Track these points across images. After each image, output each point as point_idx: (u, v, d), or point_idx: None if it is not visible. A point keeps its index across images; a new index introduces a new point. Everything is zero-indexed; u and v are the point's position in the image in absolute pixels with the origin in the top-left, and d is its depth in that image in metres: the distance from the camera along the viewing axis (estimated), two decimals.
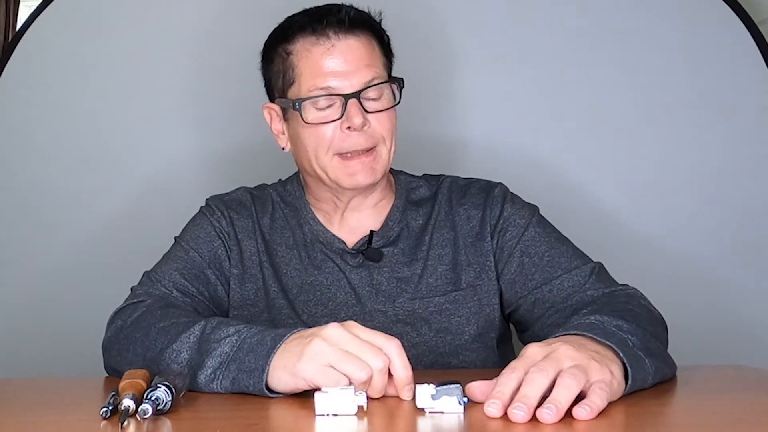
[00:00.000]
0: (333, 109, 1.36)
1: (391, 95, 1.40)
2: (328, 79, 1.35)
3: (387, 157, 1.39)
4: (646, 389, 1.12)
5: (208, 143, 1.98)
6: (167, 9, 1.99)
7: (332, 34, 1.36)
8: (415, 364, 1.35)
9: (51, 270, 1.96)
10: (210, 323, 1.17)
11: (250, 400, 1.08)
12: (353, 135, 1.35)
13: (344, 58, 1.36)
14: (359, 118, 1.34)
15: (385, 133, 1.38)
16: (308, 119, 1.36)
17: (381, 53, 1.41)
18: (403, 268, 1.41)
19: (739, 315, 1.97)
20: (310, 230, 1.44)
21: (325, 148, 1.36)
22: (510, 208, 1.44)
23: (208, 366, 1.13)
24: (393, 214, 1.45)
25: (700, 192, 1.98)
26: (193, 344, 1.16)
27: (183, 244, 1.43)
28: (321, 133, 1.36)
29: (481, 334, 1.40)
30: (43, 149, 1.97)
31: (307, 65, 1.36)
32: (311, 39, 1.37)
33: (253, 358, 1.10)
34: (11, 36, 4.14)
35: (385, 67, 1.41)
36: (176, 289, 1.37)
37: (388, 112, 1.38)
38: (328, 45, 1.36)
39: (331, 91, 1.35)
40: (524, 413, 0.94)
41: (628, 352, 1.07)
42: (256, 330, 1.14)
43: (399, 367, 1.04)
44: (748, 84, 1.98)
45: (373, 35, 1.40)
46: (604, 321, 1.13)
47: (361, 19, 1.39)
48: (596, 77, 1.98)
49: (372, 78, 1.37)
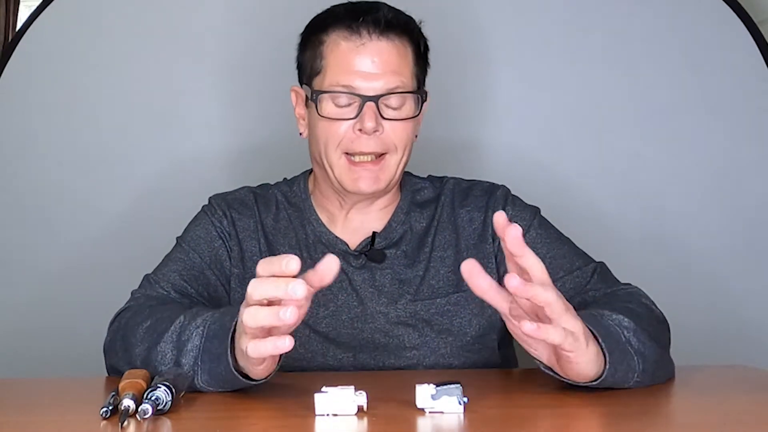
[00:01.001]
0: (351, 108, 1.35)
1: (414, 107, 1.37)
2: (352, 77, 1.34)
3: (395, 169, 1.38)
4: (646, 389, 1.12)
5: (208, 144, 1.98)
6: (167, 9, 1.99)
7: (365, 33, 1.34)
8: (417, 365, 1.37)
9: (52, 270, 1.96)
10: (187, 316, 1.17)
11: (250, 400, 1.08)
12: (363, 138, 1.34)
13: (372, 60, 1.34)
14: (372, 123, 1.33)
15: (397, 142, 1.36)
16: (323, 113, 1.35)
17: (413, 61, 1.38)
18: (406, 270, 1.41)
19: (739, 315, 1.97)
20: (313, 231, 1.44)
21: (335, 144, 1.36)
22: (512, 210, 1.44)
23: (185, 364, 1.13)
24: (397, 216, 1.44)
25: (700, 192, 1.98)
26: (175, 343, 1.16)
27: (183, 245, 1.43)
28: (334, 128, 1.35)
29: (482, 335, 1.40)
30: (43, 149, 1.97)
31: (335, 59, 1.35)
32: (344, 33, 1.35)
33: (217, 343, 1.09)
34: (11, 36, 4.14)
35: (414, 76, 1.38)
36: (175, 291, 1.36)
37: (404, 123, 1.36)
38: (358, 43, 1.34)
39: (353, 90, 1.34)
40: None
41: (617, 347, 1.09)
42: (219, 314, 1.13)
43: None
44: (748, 84, 1.98)
45: (409, 41, 1.37)
46: (603, 314, 1.14)
47: (399, 23, 1.36)
48: (596, 77, 1.98)
49: (396, 86, 1.34)
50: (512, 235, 0.99)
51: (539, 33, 1.98)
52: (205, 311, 1.17)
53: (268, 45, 1.89)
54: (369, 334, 1.37)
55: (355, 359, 1.37)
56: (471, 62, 1.98)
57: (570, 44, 1.98)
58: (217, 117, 1.98)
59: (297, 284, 0.95)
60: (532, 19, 1.99)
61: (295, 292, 0.95)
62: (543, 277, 1.01)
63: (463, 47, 1.97)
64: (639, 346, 1.13)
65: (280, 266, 0.97)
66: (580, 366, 1.06)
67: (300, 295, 0.95)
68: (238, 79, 1.97)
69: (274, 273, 0.98)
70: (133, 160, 1.97)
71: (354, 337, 1.37)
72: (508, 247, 1.00)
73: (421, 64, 1.40)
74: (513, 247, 0.99)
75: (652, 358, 1.14)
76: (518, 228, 0.99)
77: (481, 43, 1.98)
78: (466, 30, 1.98)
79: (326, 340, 1.37)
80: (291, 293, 0.95)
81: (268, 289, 0.98)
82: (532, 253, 1.00)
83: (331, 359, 1.37)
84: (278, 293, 0.97)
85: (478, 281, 1.02)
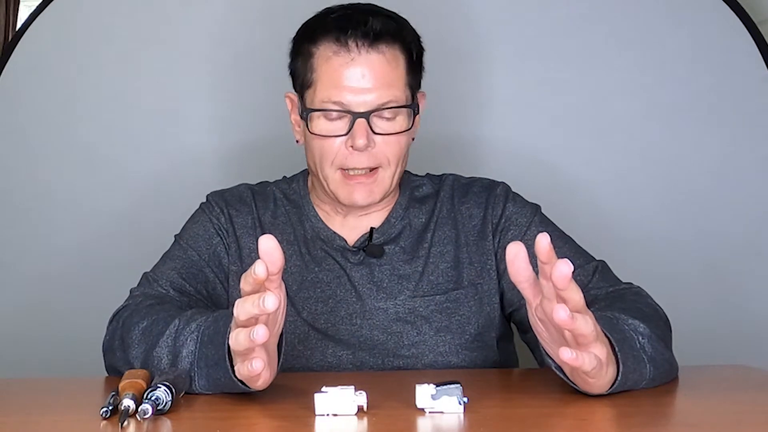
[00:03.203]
0: (342, 123, 1.33)
1: (406, 121, 1.36)
2: (342, 92, 1.32)
3: (389, 182, 1.37)
4: (645, 389, 1.12)
5: (206, 143, 1.98)
6: (167, 9, 1.99)
7: (354, 47, 1.32)
8: (415, 363, 1.37)
9: (50, 269, 1.96)
10: (182, 320, 1.17)
11: (250, 401, 1.08)
12: (355, 154, 1.33)
13: (363, 74, 1.32)
14: (363, 140, 1.32)
15: (390, 156, 1.35)
16: (315, 130, 1.35)
17: (405, 71, 1.36)
18: (404, 266, 1.41)
19: (739, 315, 1.97)
20: (312, 227, 1.44)
21: (329, 161, 1.35)
22: (512, 207, 1.44)
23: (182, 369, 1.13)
24: (396, 211, 1.44)
25: (701, 192, 1.98)
26: (171, 348, 1.16)
27: (182, 243, 1.43)
28: (327, 145, 1.35)
29: (481, 333, 1.40)
30: (43, 149, 1.97)
31: (326, 73, 1.34)
32: (333, 47, 1.33)
33: (213, 350, 1.10)
34: (11, 36, 4.14)
35: (407, 85, 1.36)
36: (173, 289, 1.36)
37: (397, 136, 1.35)
38: (347, 58, 1.32)
39: (343, 107, 1.33)
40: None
41: (631, 353, 1.08)
42: (213, 319, 1.14)
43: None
44: (748, 84, 1.98)
45: (401, 50, 1.35)
46: (619, 318, 1.14)
47: (389, 32, 1.34)
48: (597, 77, 1.98)
49: (388, 100, 1.33)
50: (563, 274, 0.96)
51: (539, 31, 1.98)
52: (199, 315, 1.17)
53: (265, 45, 1.88)
54: (368, 330, 1.37)
55: (354, 356, 1.36)
56: (469, 59, 1.97)
57: (569, 43, 1.98)
58: (214, 117, 1.99)
59: (266, 297, 0.97)
60: (531, 17, 1.99)
61: (265, 306, 0.97)
62: (581, 305, 0.99)
63: (462, 44, 1.97)
64: (652, 353, 1.12)
65: (252, 276, 0.98)
66: (593, 386, 1.06)
67: (270, 307, 0.97)
68: (236, 80, 1.97)
69: (252, 284, 0.99)
70: (131, 160, 1.97)
71: (352, 333, 1.37)
72: (553, 281, 0.97)
73: (414, 72, 1.38)
74: (559, 283, 0.96)
75: (663, 365, 1.15)
76: (569, 266, 0.96)
77: (479, 40, 1.98)
78: (465, 27, 1.98)
79: (325, 337, 1.37)
80: (263, 308, 0.97)
81: (248, 308, 0.99)
82: (576, 287, 0.98)
83: (330, 356, 1.37)
84: (255, 310, 0.98)
85: (520, 268, 1.00)
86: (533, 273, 1.01)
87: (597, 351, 1.02)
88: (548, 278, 0.97)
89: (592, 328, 1.00)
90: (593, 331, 1.00)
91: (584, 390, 1.07)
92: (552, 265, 0.96)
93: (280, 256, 0.99)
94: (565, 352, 0.97)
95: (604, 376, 1.05)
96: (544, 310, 1.01)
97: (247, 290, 1.01)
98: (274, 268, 0.98)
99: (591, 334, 1.00)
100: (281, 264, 1.00)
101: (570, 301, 0.97)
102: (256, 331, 0.97)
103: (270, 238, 0.99)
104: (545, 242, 0.96)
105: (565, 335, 1.01)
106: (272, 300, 0.97)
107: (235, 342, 1.03)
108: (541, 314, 1.03)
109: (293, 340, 1.36)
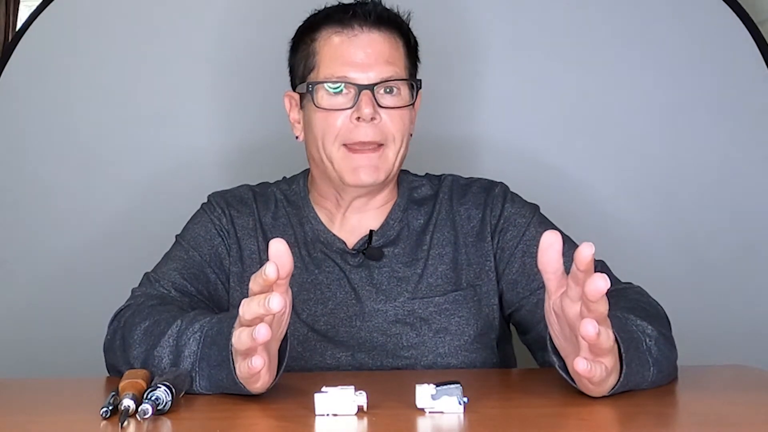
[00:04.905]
0: (346, 97, 1.36)
1: (409, 95, 1.39)
2: (346, 68, 1.36)
3: (393, 159, 1.38)
4: (645, 390, 1.12)
5: (207, 144, 1.98)
6: (166, 10, 1.99)
7: (357, 26, 1.37)
8: (415, 365, 1.37)
9: (51, 269, 1.96)
10: (184, 321, 1.18)
11: (250, 401, 1.08)
12: (362, 126, 1.35)
13: (365, 50, 1.36)
14: (369, 109, 1.34)
15: (395, 132, 1.37)
16: (320, 103, 1.36)
17: (404, 54, 1.41)
18: (404, 268, 1.41)
19: (739, 315, 1.97)
20: (312, 229, 1.44)
21: (332, 136, 1.36)
22: (510, 208, 1.44)
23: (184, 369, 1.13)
24: (394, 213, 1.44)
25: (701, 192, 1.98)
26: (172, 348, 1.16)
27: (183, 243, 1.43)
28: (331, 120, 1.36)
29: (480, 334, 1.40)
30: (43, 149, 1.97)
31: (329, 52, 1.37)
32: (336, 28, 1.38)
33: (216, 351, 1.10)
34: (11, 36, 4.14)
35: (406, 68, 1.41)
36: (175, 289, 1.36)
37: (401, 111, 1.38)
38: (351, 34, 1.37)
39: (348, 80, 1.35)
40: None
41: (636, 354, 1.08)
42: (216, 320, 1.14)
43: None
44: (748, 84, 1.98)
45: (399, 35, 1.41)
46: (629, 318, 1.14)
47: (388, 17, 1.40)
48: (597, 77, 1.98)
49: (390, 75, 1.37)
50: (598, 289, 0.95)
51: (536, 30, 1.98)
52: (202, 317, 1.18)
53: (266, 45, 1.88)
54: (367, 332, 1.37)
55: (353, 358, 1.37)
56: (466, 59, 1.97)
57: (568, 42, 1.98)
58: (215, 117, 1.98)
59: (272, 298, 0.97)
60: (529, 16, 1.99)
61: (270, 306, 0.97)
62: (605, 317, 0.99)
63: (460, 44, 1.97)
64: (658, 355, 1.13)
65: (263, 277, 0.99)
66: (593, 391, 1.06)
67: (275, 307, 0.97)
68: (237, 80, 1.97)
69: (262, 284, 1.00)
70: (131, 160, 1.97)
71: (352, 335, 1.37)
72: (586, 293, 0.96)
73: (411, 58, 1.43)
74: (592, 296, 0.96)
75: (667, 367, 1.15)
76: (607, 283, 0.95)
77: (477, 39, 1.98)
78: (461, 26, 1.98)
79: (324, 339, 1.37)
80: (268, 308, 0.97)
81: (254, 307, 1.00)
82: (605, 300, 0.98)
83: (329, 358, 1.37)
84: (261, 310, 0.99)
85: (551, 259, 1.00)
86: (562, 266, 1.01)
87: (607, 361, 1.02)
88: (580, 284, 0.98)
89: (611, 343, 1.01)
90: (611, 345, 1.01)
91: (583, 391, 1.08)
92: (588, 275, 0.96)
93: (289, 260, 1.00)
94: (580, 364, 0.99)
95: (606, 382, 1.05)
96: (563, 308, 1.01)
97: (255, 290, 1.01)
98: (282, 271, 0.99)
99: (608, 348, 1.01)
100: (290, 268, 1.01)
101: (595, 312, 0.98)
102: (258, 330, 0.97)
103: (280, 241, 1.00)
104: (588, 253, 0.96)
105: (579, 339, 1.01)
106: (278, 300, 0.97)
107: (237, 340, 1.03)
108: (558, 308, 1.03)
109: (293, 341, 1.36)
